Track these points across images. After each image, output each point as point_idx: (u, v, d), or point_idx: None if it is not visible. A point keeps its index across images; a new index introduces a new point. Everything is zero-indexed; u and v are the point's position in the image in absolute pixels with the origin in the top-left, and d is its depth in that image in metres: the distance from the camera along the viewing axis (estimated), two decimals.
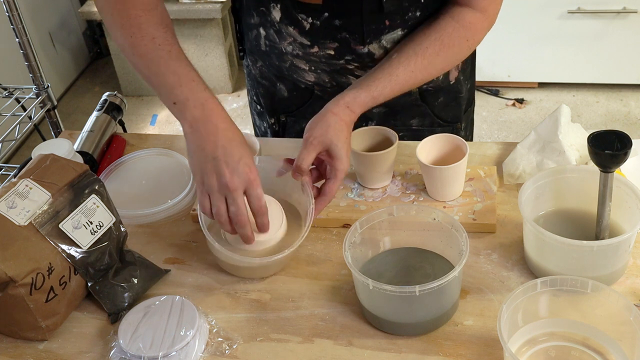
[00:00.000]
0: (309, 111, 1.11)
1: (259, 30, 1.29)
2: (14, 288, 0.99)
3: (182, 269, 1.16)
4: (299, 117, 1.40)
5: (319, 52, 1.25)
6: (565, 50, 3.13)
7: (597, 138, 0.98)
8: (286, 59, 1.30)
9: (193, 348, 0.99)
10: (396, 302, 0.99)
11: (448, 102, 1.38)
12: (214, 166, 1.03)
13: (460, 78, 1.38)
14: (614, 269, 1.03)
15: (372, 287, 0.96)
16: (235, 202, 1.03)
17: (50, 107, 1.74)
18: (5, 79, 2.36)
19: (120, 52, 4.04)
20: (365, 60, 1.25)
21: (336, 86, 1.30)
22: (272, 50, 1.31)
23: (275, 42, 1.28)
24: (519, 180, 1.23)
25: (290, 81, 1.36)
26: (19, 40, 1.66)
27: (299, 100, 1.38)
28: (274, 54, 1.31)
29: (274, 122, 1.44)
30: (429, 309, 0.99)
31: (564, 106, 1.25)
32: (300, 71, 1.31)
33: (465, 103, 1.43)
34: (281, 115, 1.43)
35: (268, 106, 1.43)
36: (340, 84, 1.30)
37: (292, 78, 1.34)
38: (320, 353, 1.00)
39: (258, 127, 1.52)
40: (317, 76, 1.31)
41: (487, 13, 1.19)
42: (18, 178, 1.07)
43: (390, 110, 1.36)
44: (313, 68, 1.29)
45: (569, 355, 0.96)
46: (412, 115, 1.38)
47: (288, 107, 1.41)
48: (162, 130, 3.40)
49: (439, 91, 1.36)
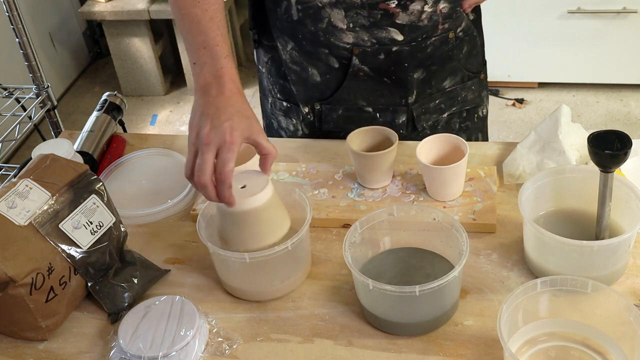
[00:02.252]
0: (343, 96, 1.10)
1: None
2: (14, 288, 0.99)
3: (182, 269, 1.16)
4: (334, 104, 1.38)
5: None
6: (565, 50, 3.13)
7: (597, 138, 0.98)
8: (323, 16, 1.27)
9: (193, 348, 0.99)
10: (396, 302, 0.99)
11: (470, 50, 1.40)
12: (200, 121, 1.02)
13: (477, 22, 1.39)
14: (614, 269, 1.03)
15: (372, 287, 0.96)
16: (202, 155, 0.99)
17: (50, 107, 1.74)
18: (5, 79, 2.36)
19: (120, 52, 4.02)
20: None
21: (376, 44, 1.29)
22: (306, 14, 1.28)
23: (308, 2, 1.26)
24: (519, 180, 1.23)
25: (323, 62, 1.34)
26: (19, 40, 1.66)
27: (333, 83, 1.36)
28: (308, 19, 1.29)
29: (309, 111, 1.40)
30: (429, 309, 0.99)
31: (564, 106, 1.25)
32: (337, 32, 1.29)
33: (481, 53, 1.45)
34: (316, 104, 1.40)
35: (301, 94, 1.40)
36: (380, 40, 1.28)
37: (329, 45, 1.31)
38: (320, 353, 1.00)
39: (285, 129, 1.49)
40: (355, 35, 1.28)
41: None
42: (18, 178, 1.07)
43: (427, 75, 1.35)
44: (351, 25, 1.27)
45: (569, 355, 0.96)
46: (445, 76, 1.38)
47: (323, 93, 1.38)
48: (162, 130, 3.40)
49: (464, 38, 1.37)
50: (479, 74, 1.45)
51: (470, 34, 1.38)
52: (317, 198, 1.24)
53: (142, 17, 3.36)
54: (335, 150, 1.37)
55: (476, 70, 1.44)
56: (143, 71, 3.59)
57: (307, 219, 1.07)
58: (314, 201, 1.23)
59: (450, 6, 1.29)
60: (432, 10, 1.26)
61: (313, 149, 1.39)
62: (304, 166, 1.32)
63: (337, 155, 1.35)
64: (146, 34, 3.46)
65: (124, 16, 3.37)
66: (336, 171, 1.30)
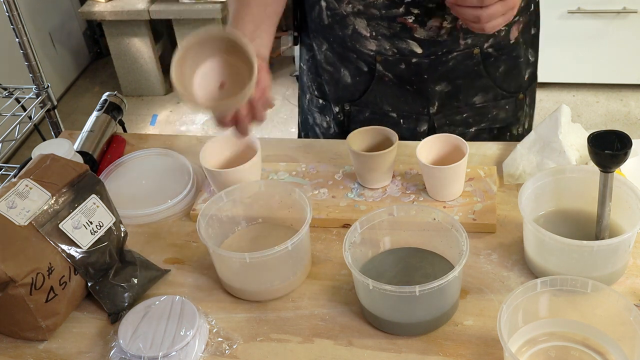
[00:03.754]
0: (370, 99, 1.13)
1: (320, 3, 1.31)
2: (14, 288, 0.99)
3: (182, 269, 1.16)
4: (362, 106, 1.40)
5: (377, 1, 1.24)
6: (565, 50, 3.13)
7: (597, 138, 0.98)
8: (348, 24, 1.30)
9: (193, 348, 0.99)
10: (396, 302, 0.99)
11: (509, 69, 1.36)
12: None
13: (520, 40, 1.35)
14: (614, 269, 1.03)
15: (372, 287, 0.96)
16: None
17: (50, 107, 1.74)
18: (5, 79, 2.36)
19: (120, 52, 4.01)
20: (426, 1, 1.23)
21: (397, 53, 1.30)
22: (334, 20, 1.32)
23: (335, 9, 1.29)
24: (519, 180, 1.23)
25: (353, 64, 1.36)
26: (19, 40, 1.66)
27: (361, 85, 1.38)
28: (336, 24, 1.32)
29: (339, 111, 1.43)
30: (429, 309, 0.99)
31: (564, 106, 1.25)
32: (362, 40, 1.31)
33: (528, 73, 1.41)
34: (345, 104, 1.42)
35: (333, 94, 1.43)
36: (401, 50, 1.29)
37: (356, 50, 1.34)
38: (320, 353, 1.00)
39: (319, 125, 1.51)
40: (378, 43, 1.30)
41: None
42: (18, 178, 1.07)
43: (452, 89, 1.35)
44: (374, 34, 1.29)
45: (569, 355, 0.96)
46: (474, 92, 1.36)
47: (352, 95, 1.40)
48: (162, 130, 3.40)
49: (499, 56, 1.34)
50: (517, 94, 1.40)
51: (508, 53, 1.35)
52: (317, 198, 1.24)
53: (142, 17, 3.36)
54: (335, 150, 1.37)
55: (514, 90, 1.39)
56: (143, 71, 3.60)
57: (307, 219, 1.07)
58: (314, 201, 1.23)
59: None
60: (452, 26, 1.26)
61: (313, 149, 1.39)
62: (304, 166, 1.32)
63: (337, 155, 1.35)
64: (146, 34, 3.46)
65: (124, 16, 3.37)
66: (336, 171, 1.30)
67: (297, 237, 1.04)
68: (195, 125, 3.43)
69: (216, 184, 1.24)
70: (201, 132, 3.38)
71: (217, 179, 1.22)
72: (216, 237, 1.15)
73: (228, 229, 1.18)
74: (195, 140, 1.46)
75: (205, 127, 3.41)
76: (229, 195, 1.16)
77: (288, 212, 1.16)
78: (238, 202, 1.17)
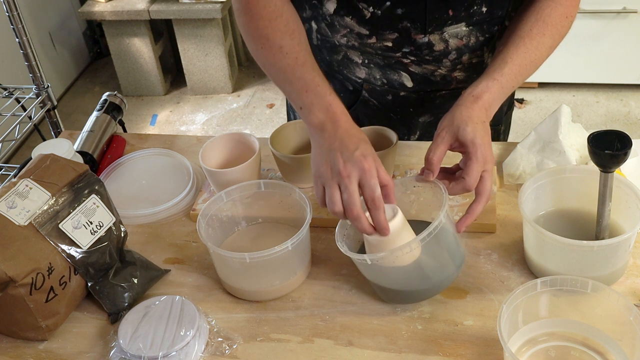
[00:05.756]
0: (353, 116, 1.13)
1: (310, 24, 1.30)
2: (14, 288, 0.99)
3: (182, 269, 1.16)
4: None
5: (376, 44, 1.24)
6: (565, 50, 3.10)
7: (597, 138, 0.98)
8: (339, 51, 1.30)
9: (193, 348, 0.99)
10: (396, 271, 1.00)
11: None
12: (330, 157, 1.03)
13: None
14: (614, 269, 1.03)
15: (370, 262, 0.98)
16: (347, 189, 0.99)
17: (50, 107, 1.74)
18: (5, 79, 2.36)
19: (120, 52, 4.02)
20: (423, 53, 1.24)
21: (386, 84, 1.31)
22: (324, 44, 1.31)
23: (327, 36, 1.29)
24: (519, 180, 1.23)
25: (338, 81, 1.36)
26: (19, 40, 1.66)
27: (345, 101, 1.37)
28: (325, 48, 1.32)
29: None
30: (433, 267, 1.00)
31: (564, 106, 1.25)
32: (352, 65, 1.31)
33: (506, 104, 1.43)
34: None
35: None
36: (391, 81, 1.30)
37: (342, 74, 1.34)
38: (320, 353, 1.00)
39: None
40: (368, 72, 1.30)
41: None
42: (18, 178, 1.07)
43: (435, 119, 1.35)
44: (366, 62, 1.29)
45: (569, 355, 0.96)
46: None
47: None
48: (162, 130, 3.40)
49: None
50: (498, 126, 1.42)
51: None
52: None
53: (142, 17, 3.37)
54: None
55: (493, 124, 1.35)
56: (143, 71, 3.60)
57: (307, 219, 1.07)
58: (314, 201, 1.23)
59: (466, 74, 1.30)
60: (447, 73, 1.29)
61: None
62: None
63: None
64: (146, 34, 3.46)
65: (124, 16, 3.37)
66: None
67: (297, 237, 1.04)
68: (195, 125, 3.43)
69: (216, 184, 1.24)
70: (201, 132, 3.38)
71: (217, 179, 1.22)
72: (216, 237, 1.15)
73: (228, 229, 1.18)
74: (195, 140, 1.46)
75: (205, 127, 3.42)
76: (229, 195, 1.16)
77: (288, 212, 1.16)
78: (238, 202, 1.17)
